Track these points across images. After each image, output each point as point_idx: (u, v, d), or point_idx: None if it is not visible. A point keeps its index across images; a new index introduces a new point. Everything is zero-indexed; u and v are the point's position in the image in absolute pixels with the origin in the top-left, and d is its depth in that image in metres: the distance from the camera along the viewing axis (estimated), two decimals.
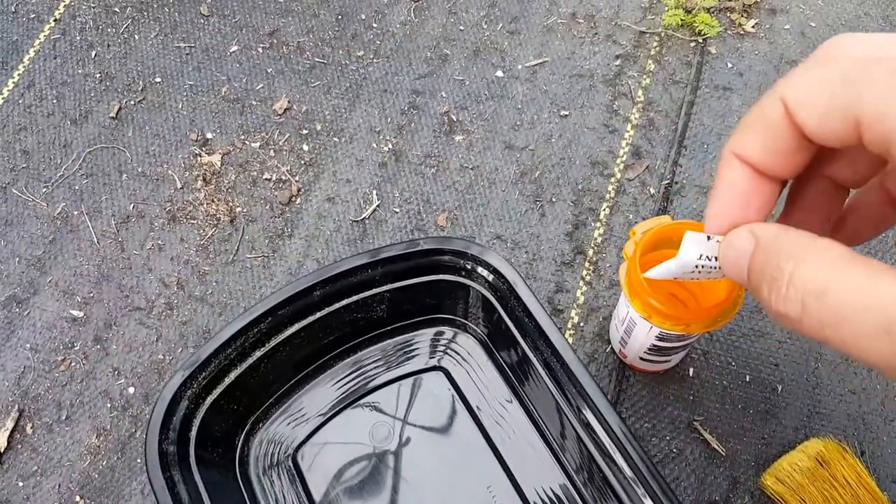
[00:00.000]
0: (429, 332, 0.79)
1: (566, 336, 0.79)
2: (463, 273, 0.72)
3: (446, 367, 0.77)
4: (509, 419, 0.74)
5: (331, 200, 0.89)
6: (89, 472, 0.78)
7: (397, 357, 0.78)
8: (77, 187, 0.91)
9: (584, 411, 0.65)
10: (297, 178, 0.90)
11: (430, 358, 0.78)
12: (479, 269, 0.71)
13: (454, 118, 0.93)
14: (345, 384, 0.77)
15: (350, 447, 0.75)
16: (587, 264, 0.84)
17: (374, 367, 0.78)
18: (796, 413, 0.77)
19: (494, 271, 0.70)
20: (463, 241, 0.70)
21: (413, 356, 0.78)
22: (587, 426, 0.65)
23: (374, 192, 0.89)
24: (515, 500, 0.71)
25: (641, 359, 0.74)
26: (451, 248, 0.70)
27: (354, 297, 0.73)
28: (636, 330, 0.70)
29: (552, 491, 0.71)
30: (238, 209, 0.89)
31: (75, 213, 0.90)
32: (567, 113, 0.92)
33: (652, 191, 0.87)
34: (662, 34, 0.96)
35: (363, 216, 0.88)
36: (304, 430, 0.75)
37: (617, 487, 0.64)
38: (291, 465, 0.74)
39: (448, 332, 0.78)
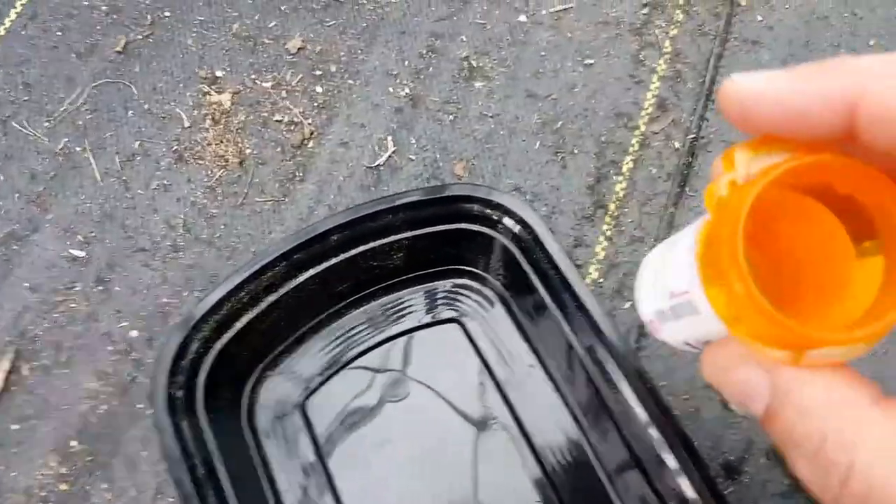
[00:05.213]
0: (445, 284, 0.76)
1: None
2: (487, 222, 0.69)
3: (462, 320, 0.75)
4: (524, 372, 0.72)
5: (344, 145, 0.86)
6: (87, 417, 0.75)
7: (411, 308, 0.75)
8: (80, 123, 0.88)
9: (608, 370, 0.63)
10: (309, 121, 0.87)
11: (446, 310, 0.75)
12: (505, 220, 0.68)
13: (475, 64, 0.90)
14: (356, 334, 0.75)
15: (360, 397, 0.72)
16: (608, 219, 0.81)
17: (387, 318, 0.75)
18: None
19: (521, 221, 0.67)
20: (489, 189, 0.68)
21: (427, 308, 0.75)
22: (608, 380, 0.63)
23: (390, 137, 0.86)
24: (523, 444, 0.69)
25: (686, 343, 0.52)
26: (478, 196, 0.68)
27: (372, 244, 0.70)
28: (697, 323, 0.37)
29: (559, 433, 0.70)
30: (248, 150, 0.86)
31: (78, 149, 0.87)
32: (592, 62, 0.89)
33: (677, 145, 0.84)
34: None
35: (378, 162, 0.85)
36: (314, 379, 0.73)
37: (627, 435, 0.62)
38: (300, 414, 0.71)
39: (465, 283, 0.76)
